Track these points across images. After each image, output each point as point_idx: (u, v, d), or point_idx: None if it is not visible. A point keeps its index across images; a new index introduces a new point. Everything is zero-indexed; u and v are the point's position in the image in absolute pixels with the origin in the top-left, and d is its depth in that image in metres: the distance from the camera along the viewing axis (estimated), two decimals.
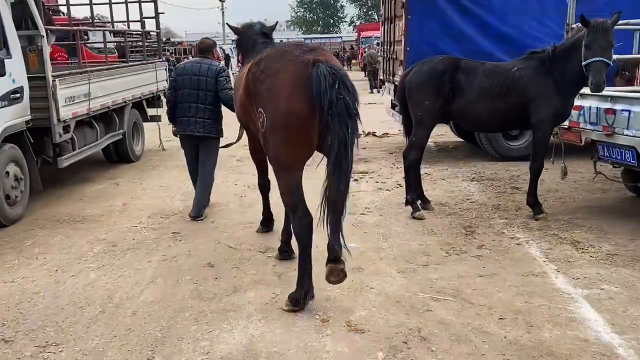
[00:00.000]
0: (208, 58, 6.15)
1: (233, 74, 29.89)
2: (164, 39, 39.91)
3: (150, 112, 10.37)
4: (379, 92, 22.23)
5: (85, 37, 11.80)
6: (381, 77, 11.23)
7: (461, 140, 10.38)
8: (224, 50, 34.02)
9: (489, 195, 6.92)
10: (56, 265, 5.01)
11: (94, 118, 8.00)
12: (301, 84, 3.47)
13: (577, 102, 6.03)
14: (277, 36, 5.84)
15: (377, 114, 15.37)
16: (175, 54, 31.85)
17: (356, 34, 54.12)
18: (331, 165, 3.44)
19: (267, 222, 5.62)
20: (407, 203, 6.11)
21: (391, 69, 9.74)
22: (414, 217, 5.99)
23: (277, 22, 5.84)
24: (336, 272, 3.66)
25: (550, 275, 4.50)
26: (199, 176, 6.17)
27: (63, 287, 4.51)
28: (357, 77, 34.75)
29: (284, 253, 4.82)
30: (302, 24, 79.77)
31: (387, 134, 11.77)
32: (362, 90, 24.70)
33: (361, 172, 8.26)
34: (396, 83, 9.25)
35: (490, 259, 4.86)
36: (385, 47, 10.24)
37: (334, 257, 3.66)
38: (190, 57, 29.26)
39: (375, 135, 11.72)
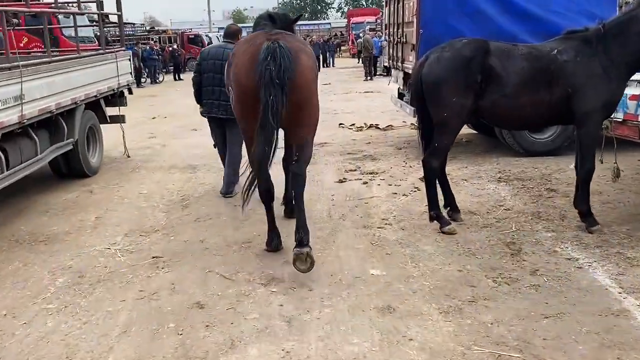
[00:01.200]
0: (232, 43, 6.11)
1: None
2: (147, 28, 39.29)
3: (112, 112, 8.57)
4: (371, 79, 21.82)
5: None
6: (386, 64, 10.21)
7: (475, 132, 9.40)
8: (209, 39, 32.98)
9: (523, 200, 5.95)
10: (6, 306, 3.97)
11: (31, 127, 6.15)
12: (253, 63, 4.07)
13: (634, 90, 5.04)
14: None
15: (376, 102, 14.67)
16: (160, 43, 30.67)
17: (345, 20, 53.19)
18: (258, 129, 4.01)
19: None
20: (431, 219, 5.12)
21: (399, 54, 8.80)
22: (443, 232, 5.01)
23: (301, 14, 6.89)
24: (302, 258, 4.03)
25: (634, 313, 3.52)
26: (227, 155, 6.40)
27: (9, 344, 3.46)
28: (348, 63, 34.31)
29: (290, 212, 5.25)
30: (289, 11, 78.35)
31: (391, 126, 10.78)
32: (355, 78, 24.45)
33: (370, 173, 7.30)
34: (406, 70, 8.31)
35: (552, 290, 3.88)
36: (391, 30, 9.28)
37: (298, 240, 4.12)
38: (175, 46, 28.25)
39: (379, 128, 10.72)
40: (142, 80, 23.99)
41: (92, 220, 5.86)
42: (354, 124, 11.08)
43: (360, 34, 29.36)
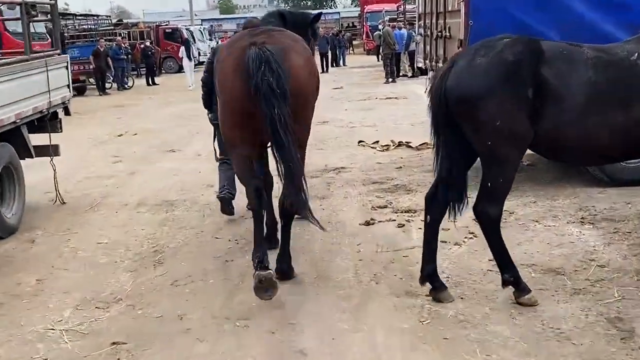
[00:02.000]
0: None
1: (198, 61, 28.92)
2: (113, 21, 39.23)
3: (41, 140, 7.66)
4: (394, 81, 21.51)
5: None
6: (420, 65, 9.82)
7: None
8: (191, 33, 32.81)
9: (621, 251, 5.40)
10: None
11: None
12: (238, 69, 4.54)
13: None
14: (258, 13, 5.92)
15: (404, 111, 14.43)
16: (130, 39, 30.58)
17: (358, 8, 53.26)
18: (274, 148, 4.51)
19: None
20: (505, 284, 4.51)
21: (440, 52, 8.45)
22: (520, 303, 4.46)
23: (320, 13, 7.39)
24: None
25: None
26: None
27: None
28: (362, 62, 34.08)
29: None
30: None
31: (426, 144, 10.11)
32: (373, 80, 24.16)
33: (406, 211, 6.79)
34: None
35: None
36: (428, 20, 8.93)
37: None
38: (148, 43, 28.05)
39: (410, 147, 10.22)
40: (107, 85, 23.79)
41: (31, 284, 5.32)
42: (377, 142, 10.65)
43: (379, 26, 29.10)
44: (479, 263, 5.20)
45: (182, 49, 25.00)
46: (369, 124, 12.91)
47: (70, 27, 32.97)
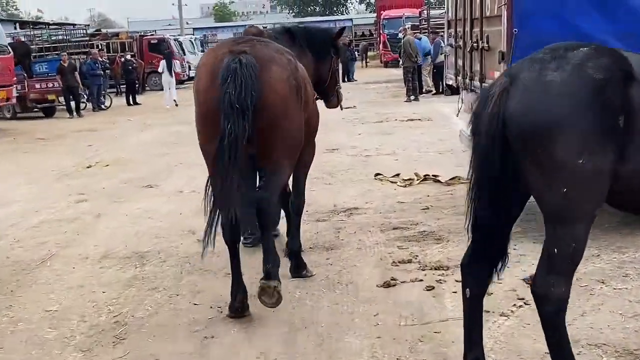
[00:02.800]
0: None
1: (187, 76, 28.77)
2: (90, 31, 39.40)
3: None
4: (416, 99, 21.38)
5: None
6: (451, 82, 9.67)
7: None
8: (180, 44, 32.93)
9: None
10: None
11: None
12: (212, 78, 5.13)
13: None
14: (257, 21, 6.82)
15: (429, 137, 14.40)
16: (109, 52, 30.74)
17: (374, 14, 53.77)
18: (216, 155, 4.98)
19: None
20: None
21: (475, 66, 8.25)
22: None
23: (344, 27, 8.16)
24: (269, 291, 5.16)
25: None
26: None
27: None
28: (378, 76, 34.02)
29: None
30: (292, 3, 79.77)
31: (459, 178, 9.82)
32: (391, 98, 24.04)
33: (436, 268, 6.36)
34: (477, 91, 7.67)
35: None
36: (460, 29, 8.89)
37: (265, 273, 5.25)
38: (129, 56, 28.13)
39: (439, 181, 9.94)
40: (82, 105, 23.85)
41: None
42: (397, 175, 10.38)
43: (399, 34, 29.13)
44: (533, 343, 4.68)
45: (162, 62, 25.18)
46: (387, 151, 12.81)
47: (39, 37, 33.09)
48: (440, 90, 22.50)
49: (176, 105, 23.99)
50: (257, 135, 5.06)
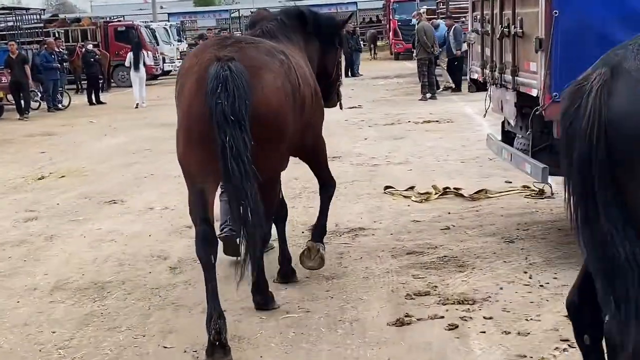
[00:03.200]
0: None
1: (161, 70, 28.74)
2: (46, 16, 39.53)
3: None
4: (433, 97, 21.43)
5: None
6: (477, 75, 9.74)
7: None
8: (152, 32, 32.95)
9: None
10: None
11: None
12: (198, 86, 5.42)
13: None
14: (245, 5, 7.43)
15: (449, 142, 14.55)
16: (68, 41, 30.84)
17: None
18: (222, 181, 5.46)
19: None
20: None
21: (504, 56, 8.21)
22: None
23: (351, 14, 9.48)
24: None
25: None
26: None
27: None
28: (390, 69, 34.07)
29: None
30: None
31: (485, 191, 9.80)
32: (403, 95, 24.07)
33: (459, 302, 6.32)
34: (523, 89, 7.74)
35: None
36: (487, 11, 8.80)
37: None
38: (90, 46, 28.19)
39: (461, 195, 9.93)
40: (34, 105, 23.95)
41: None
42: (411, 188, 10.40)
43: (413, 20, 29.18)
44: None
45: (129, 55, 25.28)
46: (399, 160, 12.87)
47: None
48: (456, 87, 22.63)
49: (143, 105, 24.03)
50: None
